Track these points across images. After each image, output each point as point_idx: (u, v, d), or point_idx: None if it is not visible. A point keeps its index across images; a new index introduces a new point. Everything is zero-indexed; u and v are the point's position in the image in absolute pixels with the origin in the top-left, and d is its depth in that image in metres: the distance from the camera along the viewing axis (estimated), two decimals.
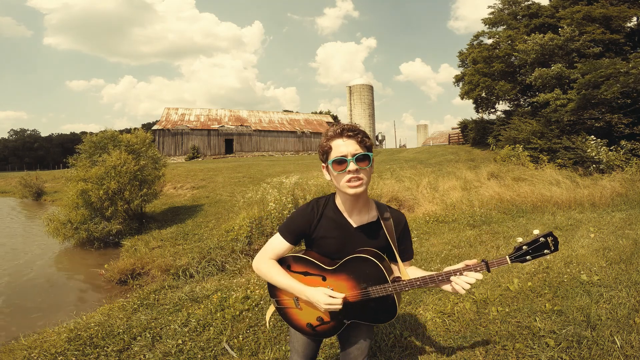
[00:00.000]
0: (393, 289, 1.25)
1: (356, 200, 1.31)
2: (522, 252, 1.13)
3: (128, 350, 2.72)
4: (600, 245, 4.22)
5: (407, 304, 3.11)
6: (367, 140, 1.25)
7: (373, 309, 1.32)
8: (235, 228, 6.96)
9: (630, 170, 9.53)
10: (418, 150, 23.87)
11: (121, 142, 9.69)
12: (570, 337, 2.31)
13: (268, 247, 1.39)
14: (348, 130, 1.23)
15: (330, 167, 1.24)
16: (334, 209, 1.36)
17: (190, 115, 36.86)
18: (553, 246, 1.11)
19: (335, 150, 1.23)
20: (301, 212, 1.37)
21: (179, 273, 5.55)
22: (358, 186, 1.21)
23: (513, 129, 14.88)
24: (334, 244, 1.35)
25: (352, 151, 1.21)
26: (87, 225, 8.23)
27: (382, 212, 1.38)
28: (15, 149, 74.20)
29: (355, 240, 1.34)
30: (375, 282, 1.27)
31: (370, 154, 1.24)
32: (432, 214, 7.08)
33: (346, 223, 1.34)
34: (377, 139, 47.24)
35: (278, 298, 1.44)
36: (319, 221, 1.35)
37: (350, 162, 1.20)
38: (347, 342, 1.48)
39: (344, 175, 1.22)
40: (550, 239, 1.10)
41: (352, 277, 1.29)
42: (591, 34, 15.01)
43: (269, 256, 1.38)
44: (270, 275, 1.34)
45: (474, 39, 21.74)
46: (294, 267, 1.37)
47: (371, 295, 1.27)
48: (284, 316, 1.46)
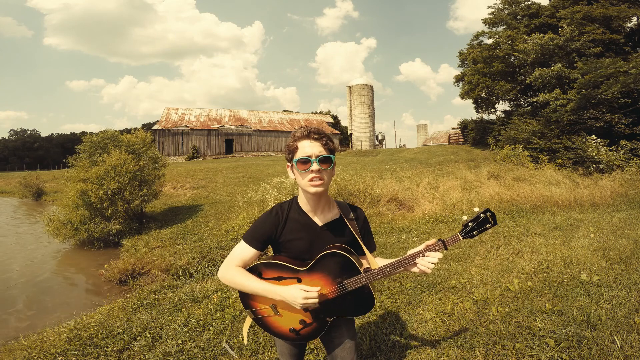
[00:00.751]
0: (367, 278, 1.30)
1: (319, 200, 1.36)
2: (469, 228, 1.26)
3: (128, 350, 2.72)
4: (600, 245, 4.22)
5: (407, 304, 3.11)
6: (331, 144, 1.33)
7: (352, 301, 1.36)
8: (235, 228, 6.96)
9: (630, 170, 9.54)
10: (418, 150, 23.88)
11: (121, 142, 9.70)
12: (570, 337, 2.31)
13: (233, 256, 1.37)
14: (315, 133, 1.30)
15: (295, 166, 1.30)
16: (298, 210, 1.39)
17: (190, 115, 36.86)
18: (492, 220, 1.25)
19: (300, 150, 1.29)
20: (266, 218, 1.38)
21: (179, 273, 5.55)
22: (319, 185, 1.28)
23: (513, 129, 14.88)
24: (302, 244, 1.37)
25: (317, 152, 1.28)
26: (87, 226, 8.22)
27: (344, 210, 1.44)
28: (15, 149, 74.20)
29: (322, 238, 1.37)
30: (349, 275, 1.31)
31: (333, 157, 1.32)
32: (432, 214, 7.08)
33: (312, 223, 1.38)
34: (377, 139, 47.23)
35: (254, 308, 1.41)
36: (285, 224, 1.37)
37: (313, 162, 1.26)
38: (331, 344, 1.49)
39: (307, 175, 1.27)
40: (489, 214, 1.25)
41: (327, 273, 1.32)
42: (591, 34, 15.02)
43: (236, 264, 1.36)
44: (239, 282, 1.32)
45: (474, 39, 21.75)
46: (266, 274, 1.35)
47: (347, 288, 1.31)
48: (264, 326, 1.42)
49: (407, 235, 5.72)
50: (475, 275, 3.63)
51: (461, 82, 22.13)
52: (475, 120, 22.03)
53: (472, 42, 21.87)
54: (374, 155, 24.37)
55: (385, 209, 7.66)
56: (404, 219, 7.11)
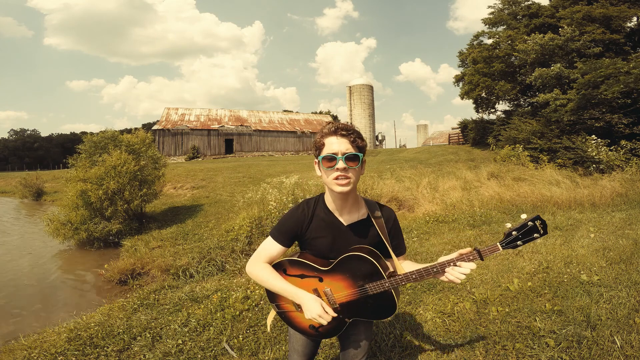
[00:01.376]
0: (390, 284, 1.25)
1: (345, 199, 1.32)
2: (512, 238, 1.13)
3: (128, 350, 2.72)
4: (600, 245, 4.22)
5: (407, 304, 3.11)
6: (360, 141, 1.26)
7: (372, 305, 1.33)
8: (235, 228, 6.96)
9: (630, 170, 9.54)
10: (418, 150, 23.87)
11: (122, 142, 9.70)
12: (570, 337, 2.31)
13: (261, 251, 1.38)
14: (342, 129, 1.25)
15: (321, 163, 1.26)
16: (324, 208, 1.36)
17: (190, 115, 36.86)
18: (542, 229, 1.10)
19: (327, 147, 1.24)
20: (292, 214, 1.37)
21: (179, 273, 5.55)
22: (345, 185, 1.23)
23: (513, 129, 14.88)
24: (326, 243, 1.35)
25: (343, 150, 1.22)
26: (87, 226, 8.22)
27: (372, 210, 1.39)
28: (15, 149, 74.18)
29: (347, 238, 1.35)
30: (371, 279, 1.27)
31: (361, 155, 1.25)
32: (432, 214, 7.08)
33: (337, 222, 1.35)
34: (377, 139, 47.22)
35: (277, 302, 1.43)
36: (310, 222, 1.35)
37: (339, 160, 1.21)
38: (347, 341, 1.49)
39: (332, 172, 1.23)
40: (539, 222, 1.10)
41: (348, 275, 1.30)
42: (591, 34, 15.01)
43: (263, 260, 1.36)
44: (264, 278, 1.33)
45: (474, 39, 21.75)
46: (290, 271, 1.36)
47: (368, 292, 1.28)
48: (286, 320, 1.46)
49: (407, 235, 5.72)
50: (475, 275, 3.63)
51: (461, 82, 22.13)
52: (475, 120, 22.03)
53: (472, 42, 21.87)
54: (374, 155, 24.36)
55: None
56: (404, 219, 7.11)
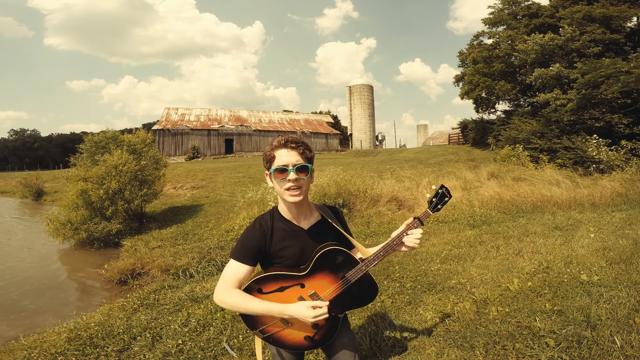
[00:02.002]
0: (365, 266, 1.34)
1: (300, 206, 1.36)
2: (434, 203, 1.42)
3: (128, 350, 2.72)
4: (600, 245, 4.22)
5: (407, 304, 3.11)
6: (309, 152, 1.33)
7: (357, 292, 1.40)
8: (235, 228, 6.96)
9: (630, 170, 9.54)
10: (418, 150, 23.87)
11: (123, 142, 9.71)
12: (570, 337, 2.31)
13: (227, 277, 1.31)
14: (291, 142, 1.30)
15: (272, 175, 1.30)
16: (281, 219, 1.39)
17: (190, 115, 36.86)
18: (448, 194, 1.44)
19: (278, 159, 1.29)
20: (251, 231, 1.35)
21: (179, 273, 5.55)
22: (297, 195, 1.29)
23: (513, 129, 14.88)
24: (294, 251, 1.36)
25: (294, 161, 1.28)
26: (87, 226, 8.22)
27: (323, 210, 1.47)
28: (15, 149, 74.19)
29: (311, 241, 1.39)
30: (349, 267, 1.35)
31: (310, 165, 1.32)
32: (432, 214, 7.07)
33: (297, 228, 1.39)
34: (377, 139, 47.23)
35: (261, 328, 1.35)
36: (272, 235, 1.36)
37: (290, 171, 1.27)
38: (331, 347, 1.48)
39: (285, 184, 1.28)
40: (444, 189, 1.43)
41: (328, 271, 1.34)
42: (591, 34, 15.01)
43: (232, 285, 1.29)
44: (241, 304, 1.25)
45: (474, 39, 21.74)
46: (266, 288, 1.31)
47: (351, 280, 1.34)
48: (276, 342, 1.38)
49: None
50: (475, 275, 3.63)
51: (461, 82, 22.13)
52: (475, 120, 22.03)
53: (472, 42, 21.87)
54: (374, 155, 24.36)
55: (385, 209, 7.66)
56: (404, 219, 7.10)
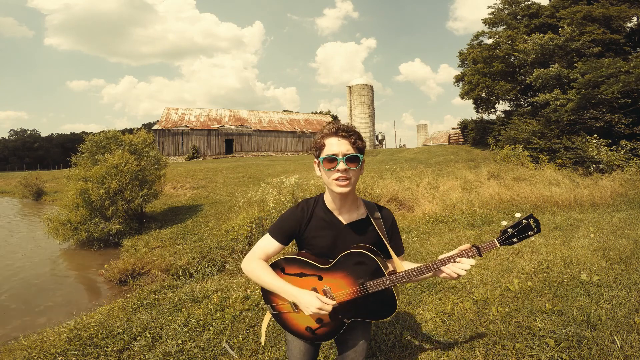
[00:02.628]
0: (390, 281, 1.25)
1: (345, 199, 1.33)
2: (508, 235, 1.19)
3: (128, 350, 2.72)
4: (600, 245, 4.22)
5: (407, 304, 3.11)
6: (360, 142, 1.27)
7: (372, 304, 1.32)
8: (235, 228, 6.95)
9: (630, 170, 9.54)
10: (418, 150, 23.87)
11: (124, 142, 9.73)
12: (570, 337, 2.31)
13: (257, 248, 1.36)
14: (343, 130, 1.25)
15: (321, 164, 1.26)
16: (323, 208, 1.37)
17: (190, 115, 36.86)
18: (535, 227, 1.17)
19: (327, 148, 1.25)
20: (291, 213, 1.37)
21: (179, 273, 5.55)
22: (345, 186, 1.24)
23: (513, 129, 14.89)
24: (325, 242, 1.35)
25: (344, 151, 1.23)
26: (87, 226, 8.22)
27: (371, 210, 1.40)
28: (15, 149, 74.18)
29: (346, 237, 1.35)
30: (372, 276, 1.27)
31: (361, 156, 1.26)
32: (432, 214, 7.08)
33: (336, 221, 1.35)
34: (377, 139, 47.22)
35: (273, 303, 1.39)
36: (309, 221, 1.36)
37: (340, 161, 1.22)
38: (344, 344, 1.46)
39: (333, 173, 1.24)
40: (532, 220, 1.17)
41: (349, 273, 1.29)
42: (591, 34, 15.01)
43: (259, 256, 1.35)
44: (259, 275, 1.30)
45: (474, 39, 21.75)
46: (288, 270, 1.34)
47: (369, 290, 1.27)
48: (281, 322, 1.41)
49: (407, 235, 5.72)
50: (475, 275, 3.63)
51: (461, 82, 22.13)
52: (475, 120, 22.04)
53: (472, 42, 21.87)
54: (374, 155, 24.36)
55: None
56: (404, 219, 7.11)
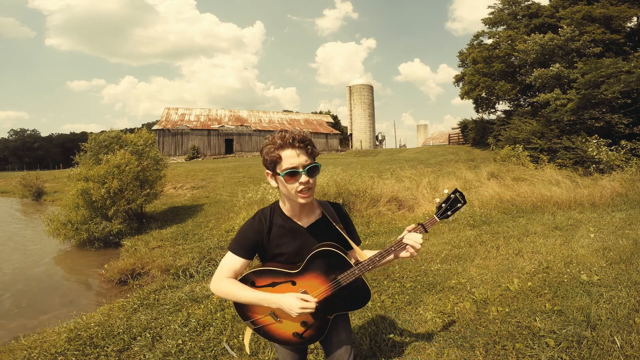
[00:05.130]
0: (359, 270, 1.30)
1: (304, 205, 1.34)
2: (443, 209, 1.31)
3: (128, 350, 2.72)
4: (600, 245, 4.22)
5: (407, 304, 3.11)
6: (314, 150, 1.27)
7: (348, 296, 1.36)
8: (236, 228, 6.95)
9: (630, 170, 9.54)
10: (418, 150, 23.87)
11: (126, 142, 9.74)
12: (570, 337, 2.31)
13: (223, 267, 1.33)
14: (299, 141, 1.21)
15: (282, 179, 1.23)
16: (282, 216, 1.36)
17: (190, 115, 36.86)
18: (462, 200, 1.32)
19: (286, 160, 1.21)
20: (250, 225, 1.35)
21: (179, 273, 5.55)
22: (308, 196, 1.25)
23: (513, 129, 14.90)
24: (290, 248, 1.35)
25: (303, 162, 1.22)
26: (87, 226, 8.22)
27: (325, 208, 1.43)
28: (15, 149, 74.20)
29: (309, 239, 1.36)
30: (342, 269, 1.31)
31: (319, 165, 1.28)
32: (431, 214, 7.06)
33: (297, 226, 1.36)
34: (377, 139, 47.23)
35: (253, 319, 1.38)
36: (270, 231, 1.35)
37: (302, 174, 1.21)
38: (329, 344, 1.47)
39: (295, 186, 1.23)
40: (458, 194, 1.32)
41: (320, 272, 1.31)
42: (591, 34, 15.02)
43: (226, 276, 1.32)
44: (233, 293, 1.27)
45: (474, 39, 21.76)
46: (259, 282, 1.33)
47: (342, 283, 1.31)
48: (266, 335, 1.40)
49: None
50: (475, 275, 3.63)
51: (461, 82, 22.14)
52: (475, 120, 22.05)
53: (472, 42, 21.88)
54: (374, 155, 24.37)
55: (385, 209, 7.66)
56: (404, 219, 7.11)
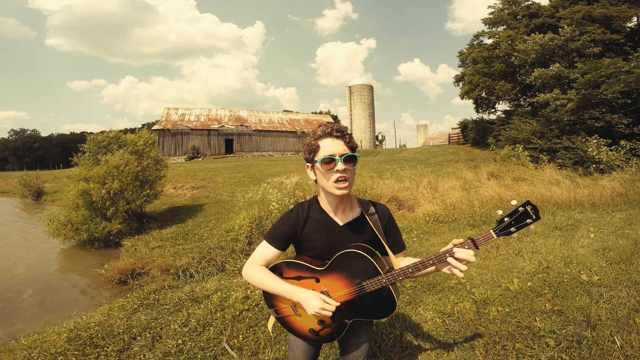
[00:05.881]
0: (387, 280, 1.24)
1: (341, 200, 1.33)
2: (505, 224, 1.10)
3: (128, 350, 2.72)
4: (600, 245, 4.22)
5: (407, 304, 3.11)
6: (353, 142, 1.28)
7: (371, 304, 1.31)
8: (235, 228, 6.95)
9: (630, 170, 9.53)
10: (418, 150, 23.87)
11: (126, 143, 9.73)
12: (570, 337, 2.31)
13: (256, 255, 1.37)
14: (337, 131, 1.25)
15: (319, 166, 1.24)
16: (318, 210, 1.36)
17: (190, 115, 36.86)
18: (534, 215, 1.09)
19: (323, 149, 1.24)
20: (286, 218, 1.37)
21: (179, 273, 5.55)
22: (345, 187, 1.23)
23: (513, 129, 14.89)
24: (323, 244, 1.35)
25: (341, 151, 1.23)
26: (87, 226, 8.22)
27: (366, 208, 1.39)
28: (15, 149, 74.20)
29: (343, 238, 1.34)
30: (368, 275, 1.26)
31: (357, 155, 1.26)
32: (432, 214, 7.08)
33: (332, 222, 1.35)
34: (377, 139, 47.22)
35: (276, 307, 1.41)
36: (305, 224, 1.35)
37: (338, 161, 1.21)
38: (346, 344, 1.46)
39: (332, 175, 1.23)
40: (530, 207, 1.09)
41: (345, 274, 1.28)
42: (591, 34, 15.01)
43: (258, 263, 1.36)
44: (260, 280, 1.31)
45: (474, 39, 21.74)
46: (286, 273, 1.35)
47: (366, 289, 1.26)
48: (285, 325, 1.43)
49: (407, 235, 5.72)
50: (475, 275, 3.63)
51: (461, 82, 22.12)
52: (475, 120, 22.03)
53: (472, 42, 21.87)
54: (374, 155, 24.37)
55: None
56: (404, 219, 7.11)
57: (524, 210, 1.09)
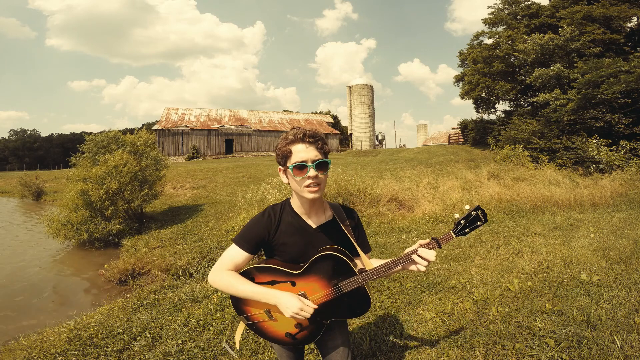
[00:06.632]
0: (362, 279, 1.28)
1: (313, 203, 1.34)
2: (461, 226, 1.26)
3: (128, 350, 2.72)
4: (600, 245, 4.22)
5: (407, 304, 3.11)
6: (326, 147, 1.29)
7: (347, 303, 1.34)
8: (235, 228, 6.95)
9: (630, 170, 9.54)
10: (418, 150, 23.88)
11: (125, 143, 9.73)
12: (570, 337, 2.31)
13: (224, 259, 1.32)
14: (309, 136, 1.25)
15: (291, 172, 1.25)
16: (291, 213, 1.36)
17: (190, 115, 36.87)
18: (483, 218, 1.26)
19: (295, 155, 1.24)
20: (258, 220, 1.35)
21: (179, 273, 5.54)
22: (316, 191, 1.25)
23: (513, 129, 14.89)
24: (296, 247, 1.34)
25: (312, 157, 1.23)
26: (87, 226, 8.22)
27: (337, 211, 1.42)
28: (15, 149, 74.25)
29: (317, 240, 1.35)
30: (344, 276, 1.29)
31: (329, 161, 1.28)
32: (432, 214, 7.08)
33: (306, 225, 1.36)
34: (377, 139, 47.23)
35: (247, 314, 1.36)
36: (278, 227, 1.34)
37: (310, 168, 1.22)
38: (325, 348, 1.46)
39: (304, 181, 1.24)
40: (480, 211, 1.26)
41: (322, 276, 1.29)
42: (591, 34, 15.02)
43: (227, 268, 1.31)
44: (231, 284, 1.26)
45: (474, 39, 21.76)
46: (259, 278, 1.31)
47: (343, 290, 1.29)
48: (258, 331, 1.38)
49: (407, 235, 5.72)
50: (475, 275, 3.63)
51: (461, 82, 22.15)
52: (475, 120, 22.05)
53: (472, 42, 21.88)
54: (374, 155, 24.38)
55: (385, 209, 7.65)
56: (404, 219, 7.11)
57: (476, 214, 1.25)
